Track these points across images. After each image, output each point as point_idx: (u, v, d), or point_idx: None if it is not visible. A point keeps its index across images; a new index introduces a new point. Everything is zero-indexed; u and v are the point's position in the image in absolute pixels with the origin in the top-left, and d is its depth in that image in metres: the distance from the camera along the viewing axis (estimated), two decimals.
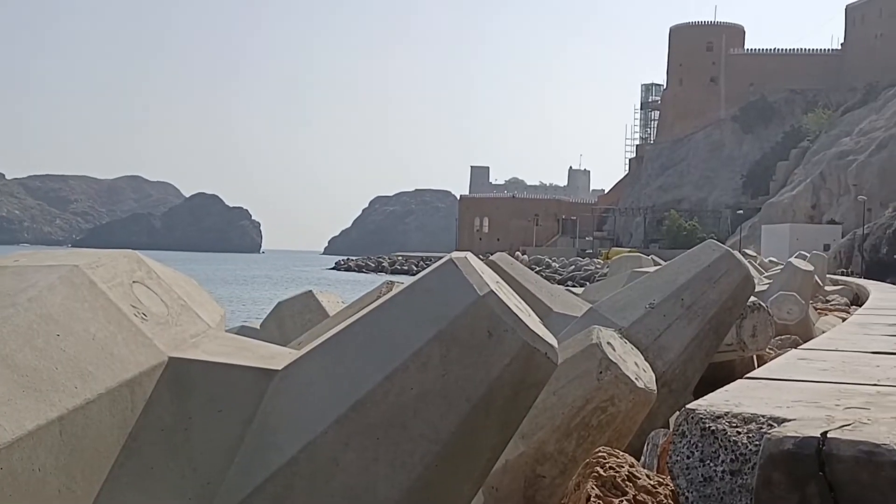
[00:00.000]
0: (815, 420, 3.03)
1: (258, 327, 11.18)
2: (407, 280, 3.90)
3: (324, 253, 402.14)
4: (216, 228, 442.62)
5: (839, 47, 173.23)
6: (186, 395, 3.20)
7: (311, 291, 10.96)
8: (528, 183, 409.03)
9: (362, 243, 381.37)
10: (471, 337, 3.07)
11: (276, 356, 3.38)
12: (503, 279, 3.44)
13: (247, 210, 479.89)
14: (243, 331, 10.04)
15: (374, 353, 3.13)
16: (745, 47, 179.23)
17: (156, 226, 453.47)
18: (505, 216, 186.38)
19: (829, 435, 2.72)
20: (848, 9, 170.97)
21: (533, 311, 3.53)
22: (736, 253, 8.93)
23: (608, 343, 5.88)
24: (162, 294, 3.43)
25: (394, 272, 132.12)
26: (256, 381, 3.20)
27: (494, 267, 8.20)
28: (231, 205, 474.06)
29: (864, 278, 64.65)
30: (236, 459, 3.11)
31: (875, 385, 4.33)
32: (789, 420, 3.09)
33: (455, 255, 3.38)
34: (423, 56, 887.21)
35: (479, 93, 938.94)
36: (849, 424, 2.93)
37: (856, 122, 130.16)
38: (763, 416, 3.23)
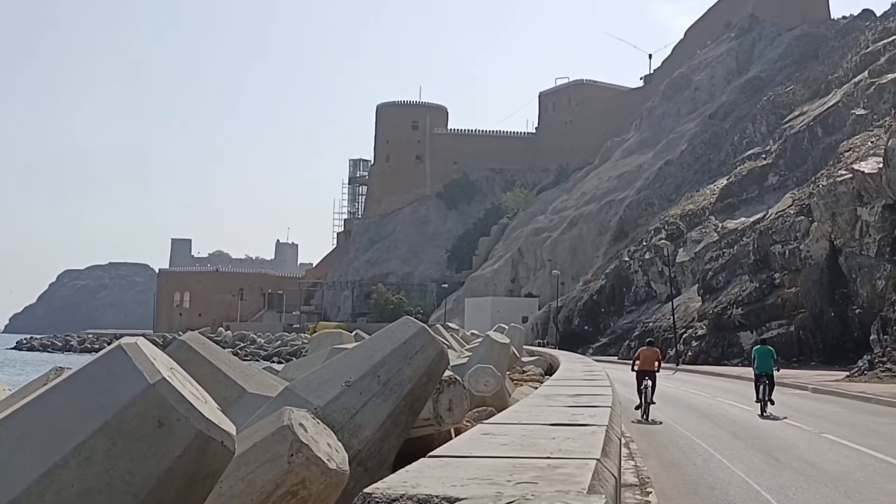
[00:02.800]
0: (485, 498, 3.11)
1: None
2: None
3: (4, 331, 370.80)
4: None
5: (534, 131, 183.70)
6: None
7: None
8: (234, 256, 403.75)
9: (49, 320, 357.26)
10: (140, 427, 2.91)
11: None
12: (193, 360, 3.34)
13: None
14: None
15: (32, 448, 2.88)
16: (449, 127, 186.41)
17: None
18: (207, 291, 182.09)
19: None
20: (541, 96, 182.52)
21: (226, 392, 3.43)
22: (429, 329, 9.18)
23: (300, 424, 5.81)
24: None
25: (83, 351, 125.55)
26: None
27: (183, 347, 7.97)
28: None
29: (559, 349, 68.39)
30: None
31: (548, 458, 4.52)
32: (461, 499, 3.16)
33: (125, 340, 3.23)
34: (112, 118, 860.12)
35: (180, 161, 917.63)
36: (514, 501, 3.03)
37: (550, 200, 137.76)
38: (437, 497, 3.28)
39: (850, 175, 50.33)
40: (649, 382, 22.35)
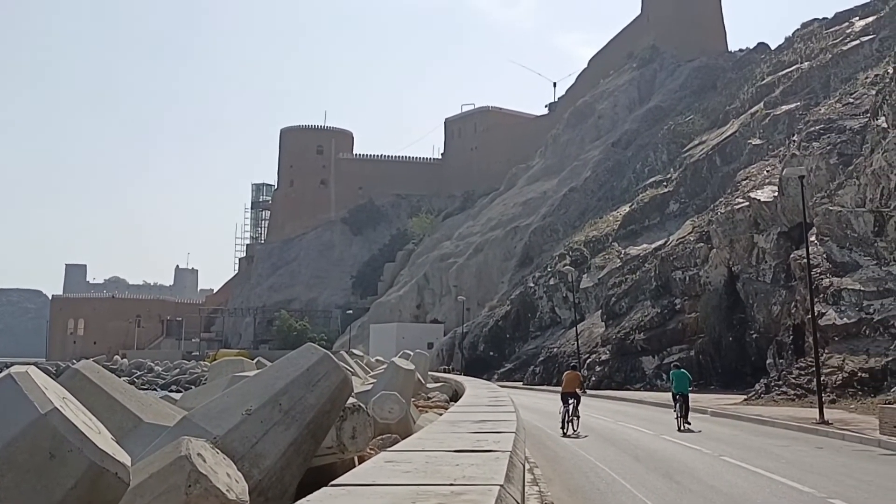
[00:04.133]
0: None
1: None
2: None
3: None
4: None
5: (440, 156, 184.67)
6: None
7: None
8: (131, 282, 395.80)
9: None
10: (30, 459, 2.81)
11: None
12: (87, 390, 3.23)
13: None
14: None
15: None
16: (355, 152, 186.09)
17: None
18: (103, 318, 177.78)
19: None
20: (447, 122, 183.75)
21: (121, 422, 3.33)
22: (333, 356, 9.10)
23: (198, 454, 5.69)
24: None
25: None
26: None
27: (77, 376, 7.75)
28: None
29: (465, 375, 68.52)
30: None
31: (451, 485, 4.50)
32: None
33: (14, 369, 3.12)
34: (2, 136, 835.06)
35: (76, 184, 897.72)
36: None
37: (455, 226, 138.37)
38: None
39: (747, 203, 51.74)
40: (573, 401, 26.06)
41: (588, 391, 54.21)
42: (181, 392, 39.80)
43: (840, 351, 35.90)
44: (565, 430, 25.34)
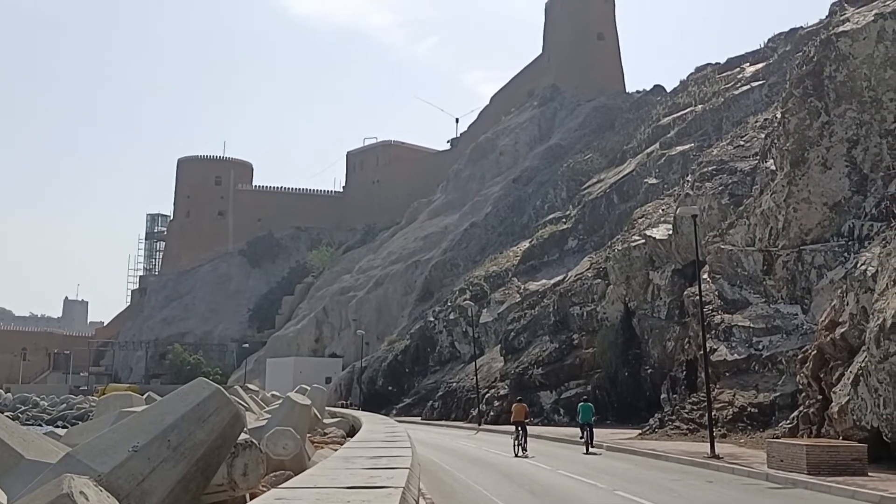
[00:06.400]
0: None
1: None
2: None
3: None
4: None
5: (342, 189, 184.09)
6: None
7: None
8: (17, 313, 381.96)
9: None
10: None
11: None
12: None
13: None
14: None
15: None
16: (254, 184, 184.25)
17: None
18: None
19: None
20: (349, 155, 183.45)
21: (1, 459, 3.12)
22: (225, 391, 8.86)
23: (81, 492, 5.44)
24: None
25: None
26: None
27: None
28: None
29: (363, 410, 67.98)
30: None
31: None
32: None
33: None
34: None
35: None
36: None
37: (356, 259, 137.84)
38: None
39: (643, 240, 52.73)
40: (521, 430, 32.22)
41: (485, 426, 54.38)
42: (67, 428, 38.59)
43: (731, 386, 36.68)
44: (516, 452, 31.20)
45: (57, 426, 73.03)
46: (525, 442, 32.14)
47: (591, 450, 32.57)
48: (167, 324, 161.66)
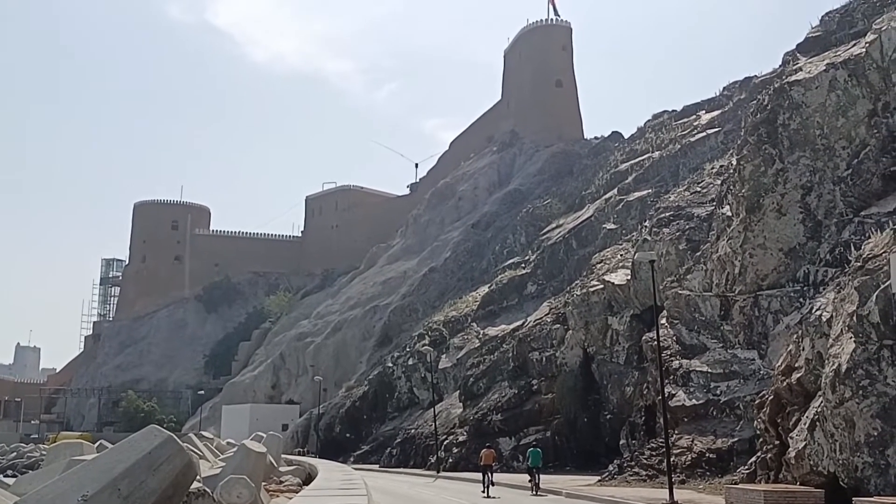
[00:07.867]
0: None
1: None
2: None
3: None
4: None
5: (300, 234, 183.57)
6: None
7: None
8: None
9: None
10: None
11: None
12: None
13: None
14: None
15: None
16: (212, 228, 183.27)
17: None
18: None
19: None
20: (308, 199, 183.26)
21: None
22: (178, 439, 8.64)
23: None
24: None
25: None
26: None
27: None
28: None
29: (320, 457, 67.19)
30: None
31: None
32: None
33: None
34: None
35: None
36: None
37: (314, 305, 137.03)
38: None
39: (602, 286, 52.94)
40: (490, 473, 36.49)
41: (444, 473, 53.92)
42: (17, 476, 37.71)
43: (689, 432, 36.69)
44: (486, 494, 34.71)
45: (6, 475, 71.38)
46: (491, 485, 35.93)
47: (538, 493, 34.94)
48: (121, 370, 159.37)
